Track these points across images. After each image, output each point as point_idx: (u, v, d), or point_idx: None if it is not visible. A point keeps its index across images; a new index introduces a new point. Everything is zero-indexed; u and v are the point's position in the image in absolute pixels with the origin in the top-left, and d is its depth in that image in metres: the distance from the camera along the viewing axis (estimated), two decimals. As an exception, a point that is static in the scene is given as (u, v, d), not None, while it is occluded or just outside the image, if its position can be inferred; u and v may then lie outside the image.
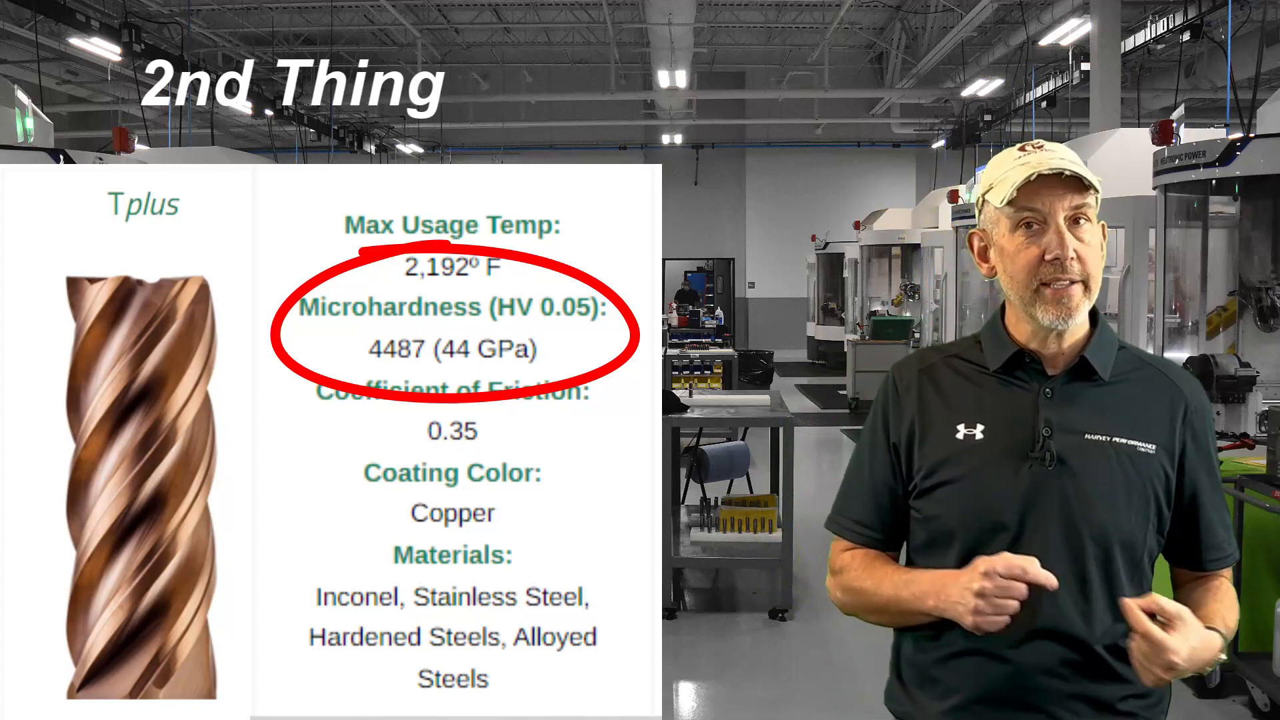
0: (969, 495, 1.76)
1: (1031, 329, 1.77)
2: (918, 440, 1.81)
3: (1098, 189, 1.74)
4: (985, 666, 1.73)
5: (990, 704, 1.74)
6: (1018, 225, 1.74)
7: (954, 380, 1.83)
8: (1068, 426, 1.75)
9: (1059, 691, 1.72)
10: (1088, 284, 1.74)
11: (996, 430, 1.76)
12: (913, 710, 1.84)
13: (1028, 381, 1.79)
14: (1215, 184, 6.05)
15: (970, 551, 1.72)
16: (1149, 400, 1.79)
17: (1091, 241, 1.74)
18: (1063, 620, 1.71)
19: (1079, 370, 1.78)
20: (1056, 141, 1.87)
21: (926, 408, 1.82)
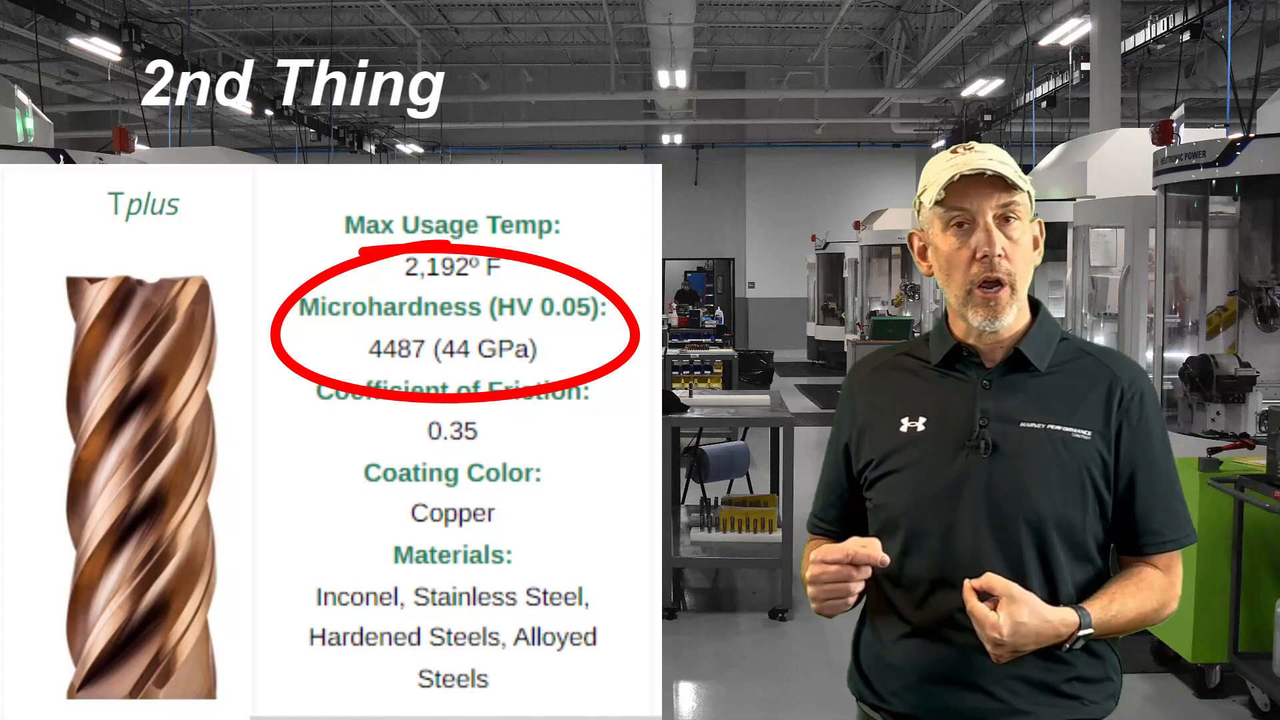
0: (911, 484, 1.83)
1: (967, 326, 1.84)
2: (867, 435, 1.90)
3: (1024, 188, 1.80)
4: (929, 648, 1.80)
5: (935, 683, 1.80)
6: (949, 225, 1.81)
7: (901, 376, 1.93)
8: (1004, 415, 1.80)
9: (999, 672, 1.75)
10: (1014, 284, 1.80)
11: (937, 421, 1.84)
12: (868, 693, 1.91)
13: (967, 374, 1.86)
14: (1215, 184, 6.05)
15: (912, 538, 1.81)
16: (1086, 388, 1.83)
17: (1020, 239, 1.80)
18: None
19: (1015, 361, 1.84)
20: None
21: (874, 404, 1.92)
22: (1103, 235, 8.02)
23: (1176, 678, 4.99)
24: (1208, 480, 4.69)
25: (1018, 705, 1.78)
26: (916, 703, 1.83)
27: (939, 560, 1.80)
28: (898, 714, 1.85)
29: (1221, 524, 4.66)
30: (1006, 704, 1.78)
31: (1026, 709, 1.78)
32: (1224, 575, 4.65)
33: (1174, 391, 6.20)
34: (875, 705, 1.89)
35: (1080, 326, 7.77)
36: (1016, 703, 1.78)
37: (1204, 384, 5.82)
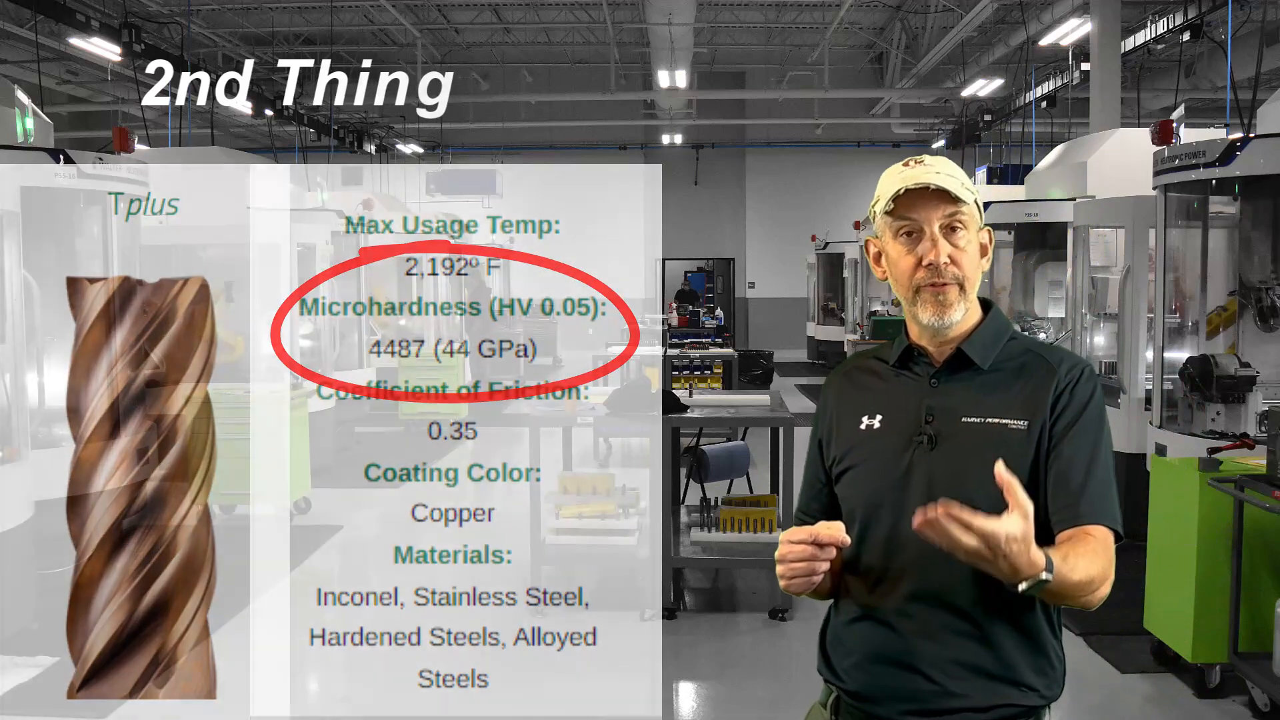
0: (865, 478, 1.97)
1: (919, 328, 1.98)
2: (834, 434, 2.05)
3: (966, 200, 1.91)
4: (875, 630, 1.93)
5: (880, 663, 1.93)
6: (898, 234, 1.94)
7: (866, 378, 2.07)
8: (947, 411, 1.93)
9: (938, 656, 1.88)
10: (963, 285, 1.93)
11: (890, 419, 1.98)
12: (825, 669, 2.05)
13: (919, 373, 1.99)
14: (1215, 184, 6.05)
15: (865, 528, 1.95)
16: (1026, 382, 1.95)
17: (967, 247, 1.93)
18: (941, 588, 1.88)
19: (959, 361, 1.96)
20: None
21: (841, 405, 2.06)
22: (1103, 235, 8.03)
23: (1176, 678, 4.99)
24: (1208, 480, 4.68)
25: (951, 688, 1.88)
26: (864, 681, 1.95)
27: (886, 548, 1.92)
28: (849, 690, 1.99)
29: (1221, 524, 4.66)
30: (941, 686, 1.88)
31: (960, 692, 1.88)
32: (1224, 575, 4.64)
33: (1174, 391, 6.20)
34: (829, 680, 2.04)
35: (1080, 326, 7.77)
36: (951, 685, 1.88)
37: (1204, 384, 5.82)
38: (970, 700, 1.87)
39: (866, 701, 1.95)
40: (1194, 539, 4.71)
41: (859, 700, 1.96)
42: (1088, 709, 4.86)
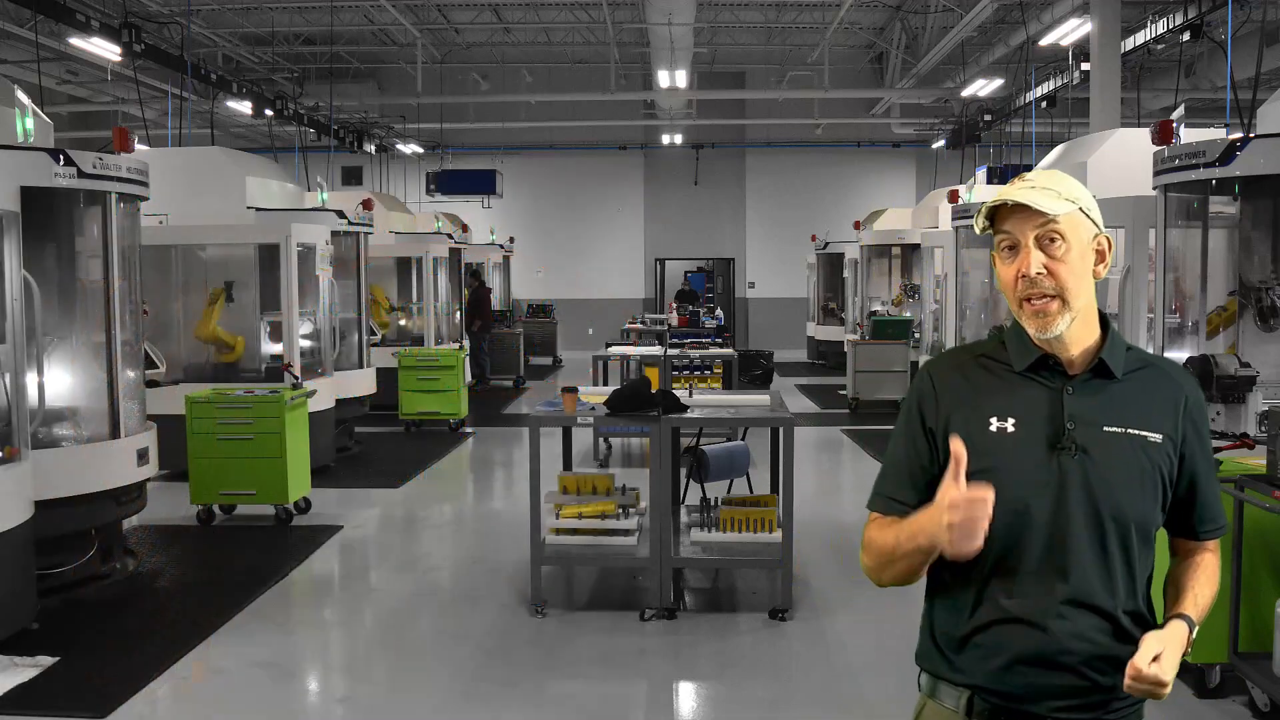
0: (1004, 483, 1.92)
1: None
2: (955, 426, 2.01)
3: (1060, 212, 1.93)
4: (1026, 632, 1.96)
5: (1031, 665, 1.96)
6: (1000, 247, 2.00)
7: (985, 377, 2.07)
8: (1088, 420, 1.98)
9: (1089, 654, 1.96)
10: (1064, 297, 1.96)
11: (1026, 423, 1.99)
12: (949, 671, 2.05)
13: (1051, 380, 2.01)
14: (1215, 184, 6.04)
15: (1008, 532, 1.94)
16: (1155, 395, 2.03)
17: (1064, 257, 1.95)
18: (1089, 592, 1.95)
19: (1097, 370, 2.01)
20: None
21: (961, 401, 2.05)
22: (1103, 235, 8.01)
23: (1176, 678, 4.99)
24: (1208, 480, 4.68)
25: (1103, 683, 1.97)
26: (1017, 682, 1.98)
27: (1036, 552, 1.96)
28: (998, 691, 2.00)
29: (1221, 524, 4.66)
30: (1094, 682, 1.96)
31: (1110, 685, 1.97)
32: (1224, 575, 4.64)
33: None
34: (965, 685, 2.03)
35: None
36: (1102, 681, 1.97)
37: (1204, 384, 5.81)
38: (1118, 692, 1.96)
39: (1019, 701, 1.98)
40: (1194, 539, 4.70)
41: (1010, 700, 1.99)
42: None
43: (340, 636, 6.02)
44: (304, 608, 6.45)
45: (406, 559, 7.48)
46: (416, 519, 8.69)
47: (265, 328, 9.86)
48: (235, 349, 9.81)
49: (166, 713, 4.90)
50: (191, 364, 9.79)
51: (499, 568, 6.99)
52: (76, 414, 6.79)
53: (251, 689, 5.07)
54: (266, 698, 4.99)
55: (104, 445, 6.61)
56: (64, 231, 7.04)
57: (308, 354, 10.02)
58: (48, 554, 6.13)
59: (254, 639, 5.70)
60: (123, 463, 6.64)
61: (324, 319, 10.20)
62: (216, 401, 8.00)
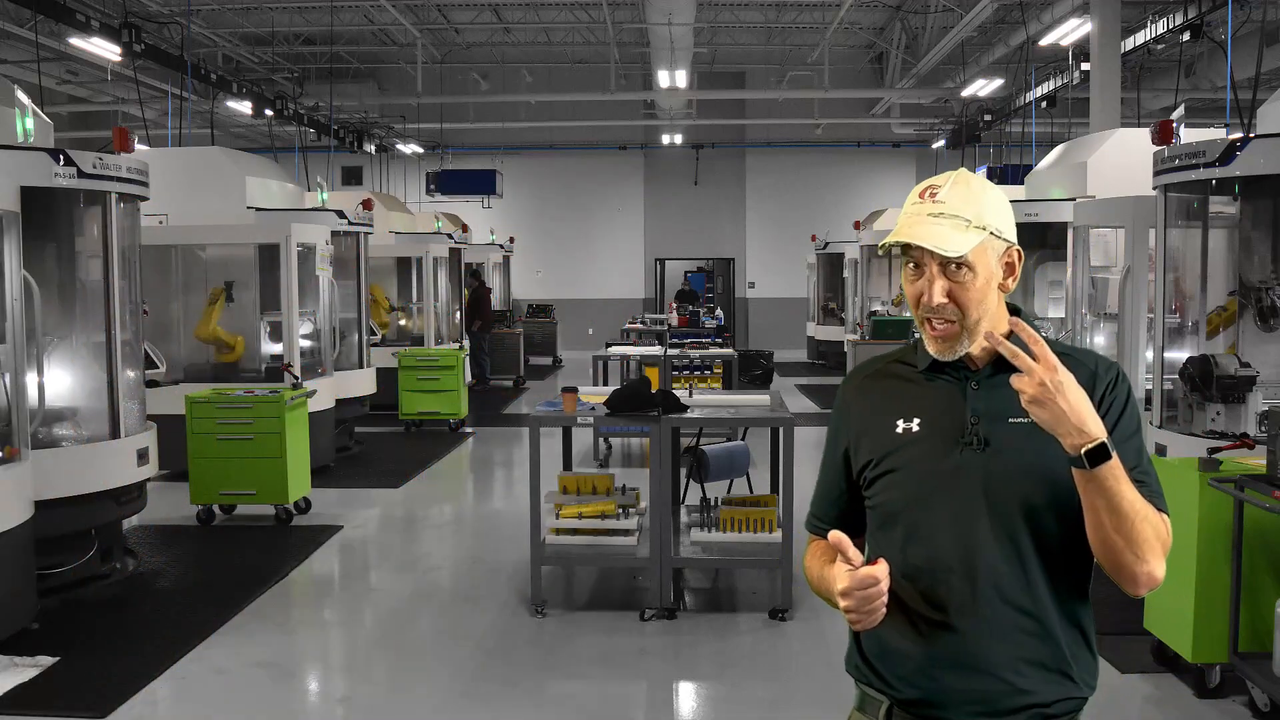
0: (910, 481, 1.95)
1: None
2: (865, 438, 2.03)
3: (968, 244, 1.85)
4: (935, 634, 1.90)
5: (945, 667, 1.89)
6: (906, 264, 1.95)
7: (892, 383, 2.06)
8: (993, 414, 1.92)
9: (1007, 654, 1.87)
10: (965, 323, 1.91)
11: (931, 422, 1.96)
12: (873, 678, 2.00)
13: (955, 377, 1.98)
14: (1215, 184, 6.04)
15: (913, 530, 1.93)
16: None
17: (970, 283, 1.89)
18: (1005, 585, 1.87)
19: (999, 363, 1.91)
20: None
21: (870, 409, 2.05)
22: (1103, 235, 8.02)
23: (1176, 678, 4.99)
24: (1208, 480, 4.68)
25: (1021, 685, 1.87)
26: (929, 687, 1.91)
27: (940, 550, 1.90)
28: (908, 699, 1.94)
29: (1221, 524, 4.66)
30: (1011, 685, 1.87)
31: (1029, 689, 1.88)
32: (1224, 575, 4.65)
33: (1174, 391, 6.19)
34: (881, 690, 1.98)
35: (1080, 326, 7.77)
36: (1020, 683, 1.87)
37: (1204, 384, 5.81)
38: (1038, 696, 1.87)
39: (930, 708, 1.91)
40: (1194, 539, 4.71)
41: (922, 707, 1.92)
42: (1088, 709, 4.85)
43: (340, 636, 6.02)
44: (304, 608, 6.46)
45: (406, 559, 7.47)
46: (416, 519, 8.69)
47: (265, 328, 9.87)
48: (235, 349, 9.81)
49: (166, 713, 4.90)
50: (191, 364, 9.80)
51: (499, 568, 6.99)
52: (77, 414, 6.79)
53: (251, 689, 5.07)
54: (266, 698, 4.99)
55: (104, 445, 6.62)
56: (64, 231, 7.04)
57: (308, 354, 10.03)
58: (48, 554, 6.13)
59: (254, 639, 5.70)
60: (123, 463, 6.64)
61: (324, 319, 10.21)
62: (216, 401, 8.01)
